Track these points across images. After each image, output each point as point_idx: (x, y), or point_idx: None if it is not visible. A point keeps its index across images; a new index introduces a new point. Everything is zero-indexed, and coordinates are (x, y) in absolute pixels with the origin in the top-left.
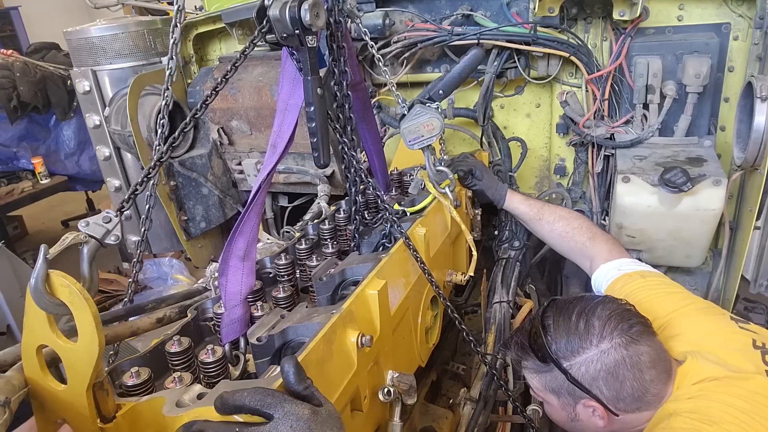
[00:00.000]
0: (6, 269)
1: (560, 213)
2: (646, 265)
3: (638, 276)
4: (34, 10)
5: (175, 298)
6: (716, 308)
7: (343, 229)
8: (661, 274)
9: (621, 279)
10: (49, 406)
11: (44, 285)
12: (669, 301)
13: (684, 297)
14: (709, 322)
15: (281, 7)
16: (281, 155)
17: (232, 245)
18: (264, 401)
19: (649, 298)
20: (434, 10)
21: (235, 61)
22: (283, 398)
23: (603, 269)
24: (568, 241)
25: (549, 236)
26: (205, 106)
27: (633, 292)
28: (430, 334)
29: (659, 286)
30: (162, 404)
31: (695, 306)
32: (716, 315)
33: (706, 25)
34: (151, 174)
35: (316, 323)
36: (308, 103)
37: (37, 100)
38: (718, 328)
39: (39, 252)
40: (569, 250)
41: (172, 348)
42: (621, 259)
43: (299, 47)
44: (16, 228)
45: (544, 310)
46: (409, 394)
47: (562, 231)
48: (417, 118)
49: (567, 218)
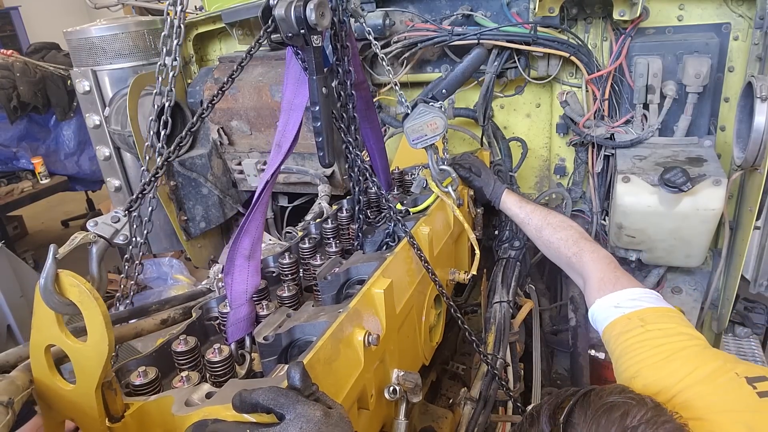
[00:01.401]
0: (6, 269)
1: (550, 220)
2: (644, 297)
3: (637, 322)
4: (34, 10)
5: (179, 300)
6: (724, 367)
7: (345, 228)
8: (660, 311)
9: (619, 323)
10: (57, 406)
11: (54, 285)
12: (672, 368)
13: (688, 359)
14: (727, 400)
15: (286, 7)
16: (286, 154)
17: (237, 244)
18: (278, 401)
19: (649, 362)
20: (434, 10)
21: (241, 61)
22: (297, 399)
23: (600, 305)
24: (553, 251)
25: (536, 243)
26: (211, 105)
27: (629, 350)
28: (434, 332)
29: (659, 340)
30: (170, 403)
31: (702, 371)
32: (729, 382)
33: (706, 25)
34: (159, 174)
35: (323, 322)
36: (313, 102)
37: (37, 100)
38: (741, 406)
39: (48, 252)
40: (556, 260)
41: (179, 347)
42: (617, 294)
43: (304, 47)
44: (16, 228)
45: (570, 411)
46: (414, 393)
47: (548, 240)
48: (420, 117)
49: (555, 227)
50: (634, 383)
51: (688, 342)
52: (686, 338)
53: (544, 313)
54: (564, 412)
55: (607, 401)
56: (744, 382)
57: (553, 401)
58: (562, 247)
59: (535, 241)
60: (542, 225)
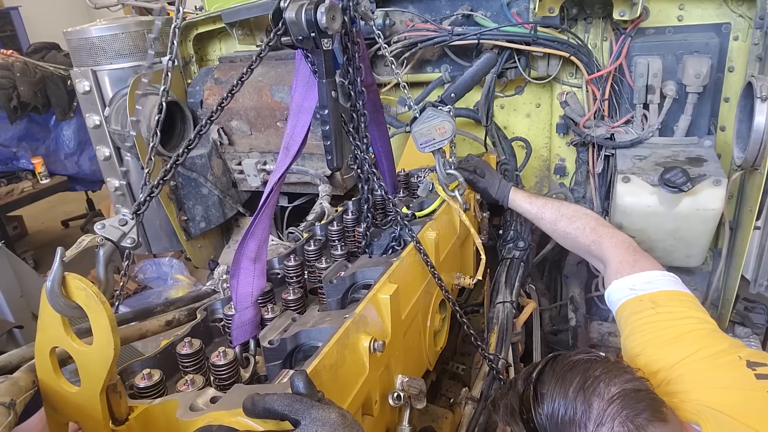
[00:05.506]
0: (6, 269)
1: (564, 211)
2: (661, 279)
3: (649, 304)
4: (34, 10)
5: (184, 301)
6: (728, 350)
7: (351, 230)
8: (672, 294)
9: (631, 303)
10: (61, 409)
11: (60, 288)
12: (676, 348)
13: (693, 341)
14: (721, 377)
15: (297, 10)
16: (294, 157)
17: (243, 247)
18: (292, 407)
19: (655, 342)
20: (434, 10)
21: (251, 64)
22: (311, 404)
23: (616, 286)
24: (571, 241)
25: (553, 236)
26: (220, 108)
27: (638, 330)
28: (438, 337)
29: (668, 322)
30: (175, 407)
31: (705, 352)
32: (729, 363)
33: (706, 25)
34: (166, 177)
35: (329, 327)
36: (323, 105)
37: (37, 100)
38: (732, 384)
39: (55, 254)
40: (576, 250)
41: (183, 350)
42: (634, 276)
43: (314, 50)
44: (16, 228)
45: (540, 371)
46: (418, 399)
47: (565, 232)
48: (429, 121)
49: (570, 218)
50: (638, 360)
51: (697, 325)
52: (695, 321)
53: (544, 313)
54: (536, 371)
55: (573, 359)
56: (744, 365)
57: (528, 368)
58: (580, 237)
59: (551, 234)
60: (557, 217)
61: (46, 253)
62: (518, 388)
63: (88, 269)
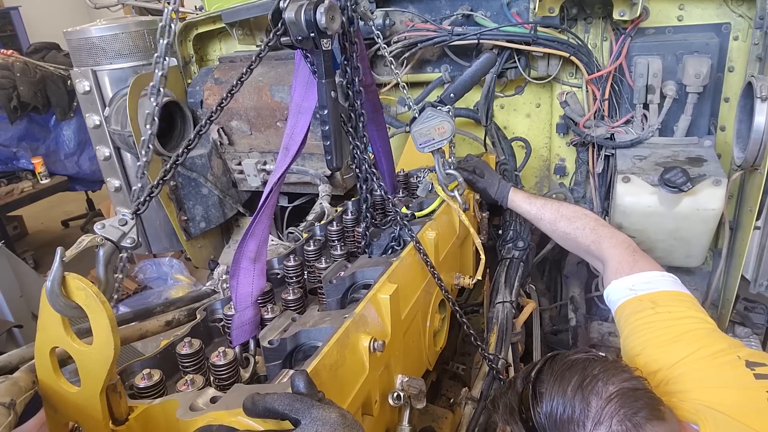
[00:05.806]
0: (6, 269)
1: (563, 212)
2: (660, 280)
3: (648, 304)
4: (34, 10)
5: (184, 301)
6: (727, 350)
7: (351, 230)
8: (672, 294)
9: (630, 304)
10: (61, 409)
11: (60, 288)
12: (675, 348)
13: (692, 341)
14: (720, 376)
15: (296, 10)
16: (294, 157)
17: (243, 247)
18: (293, 406)
19: (655, 342)
20: (434, 10)
21: (250, 65)
22: (311, 404)
23: (615, 286)
24: (571, 242)
25: (552, 236)
26: (220, 108)
27: (637, 329)
28: (438, 337)
29: (667, 322)
30: (175, 407)
31: (704, 352)
32: (728, 363)
33: (706, 25)
34: (166, 177)
35: (329, 327)
36: (322, 106)
37: (37, 100)
38: (731, 383)
39: (55, 254)
40: (575, 251)
41: (183, 350)
42: (633, 276)
43: (314, 50)
44: (16, 228)
45: (539, 370)
46: (418, 399)
47: (564, 232)
48: (428, 121)
49: (569, 218)
50: (638, 360)
51: (696, 324)
52: (695, 321)
53: (544, 313)
54: (534, 370)
55: (571, 358)
56: (743, 364)
57: (527, 367)
58: (580, 237)
59: (551, 234)
60: (556, 218)
61: (46, 253)
62: (517, 387)
63: (88, 269)
